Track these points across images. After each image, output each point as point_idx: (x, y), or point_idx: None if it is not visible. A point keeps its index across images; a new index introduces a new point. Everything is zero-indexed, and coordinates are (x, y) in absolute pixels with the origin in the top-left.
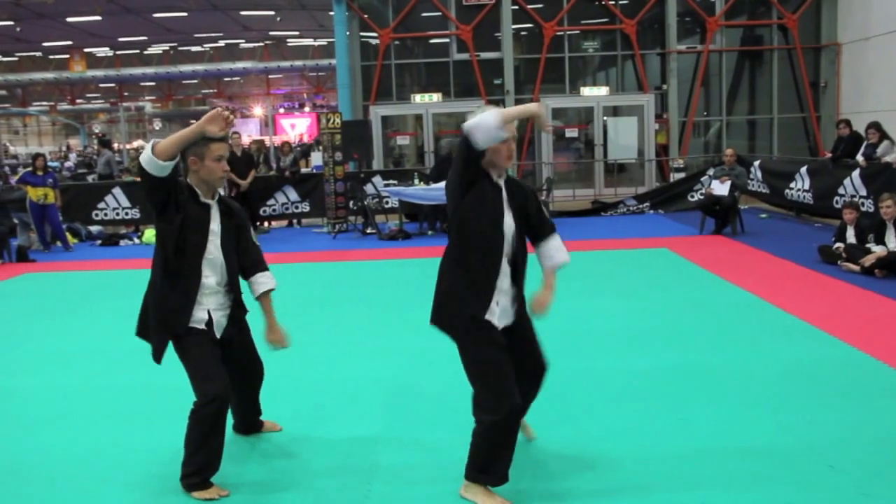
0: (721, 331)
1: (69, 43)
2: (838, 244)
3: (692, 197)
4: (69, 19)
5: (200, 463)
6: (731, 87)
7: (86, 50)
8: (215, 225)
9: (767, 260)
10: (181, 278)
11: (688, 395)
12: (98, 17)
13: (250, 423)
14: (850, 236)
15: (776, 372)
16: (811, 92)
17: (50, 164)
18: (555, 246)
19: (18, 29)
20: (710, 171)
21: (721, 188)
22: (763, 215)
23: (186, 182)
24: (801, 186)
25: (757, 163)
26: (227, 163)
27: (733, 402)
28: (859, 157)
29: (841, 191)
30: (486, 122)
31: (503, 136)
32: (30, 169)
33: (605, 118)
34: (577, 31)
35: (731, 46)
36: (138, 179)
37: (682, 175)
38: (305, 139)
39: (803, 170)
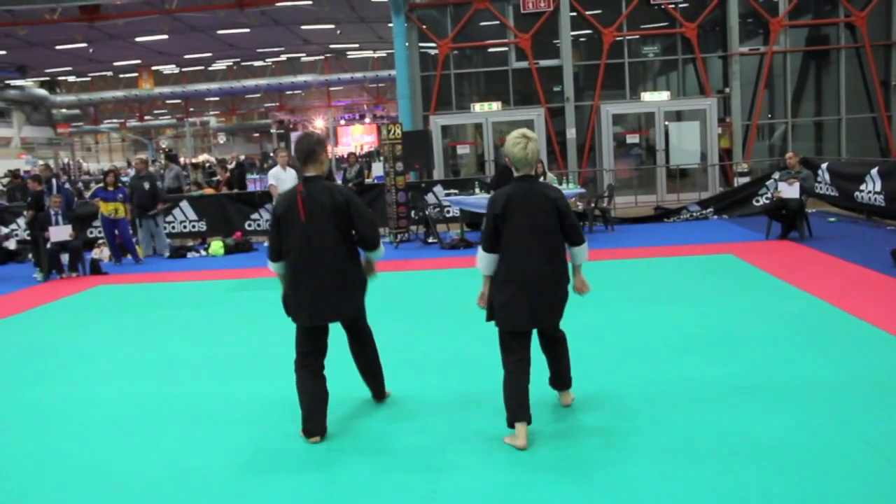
0: (790, 338)
1: (138, 62)
2: None
3: (757, 201)
4: (138, 39)
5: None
6: (796, 88)
7: (153, 68)
8: None
9: (837, 265)
10: None
11: (755, 403)
12: (165, 36)
13: None
14: None
15: (848, 379)
16: (881, 91)
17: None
18: None
19: (91, 50)
20: (776, 175)
21: (790, 190)
22: (832, 219)
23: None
24: (872, 188)
25: (825, 165)
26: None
27: (803, 410)
28: None
29: None
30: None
31: None
32: (101, 185)
33: (666, 123)
34: (637, 36)
35: (795, 47)
36: (206, 193)
37: (746, 179)
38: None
39: (874, 171)
